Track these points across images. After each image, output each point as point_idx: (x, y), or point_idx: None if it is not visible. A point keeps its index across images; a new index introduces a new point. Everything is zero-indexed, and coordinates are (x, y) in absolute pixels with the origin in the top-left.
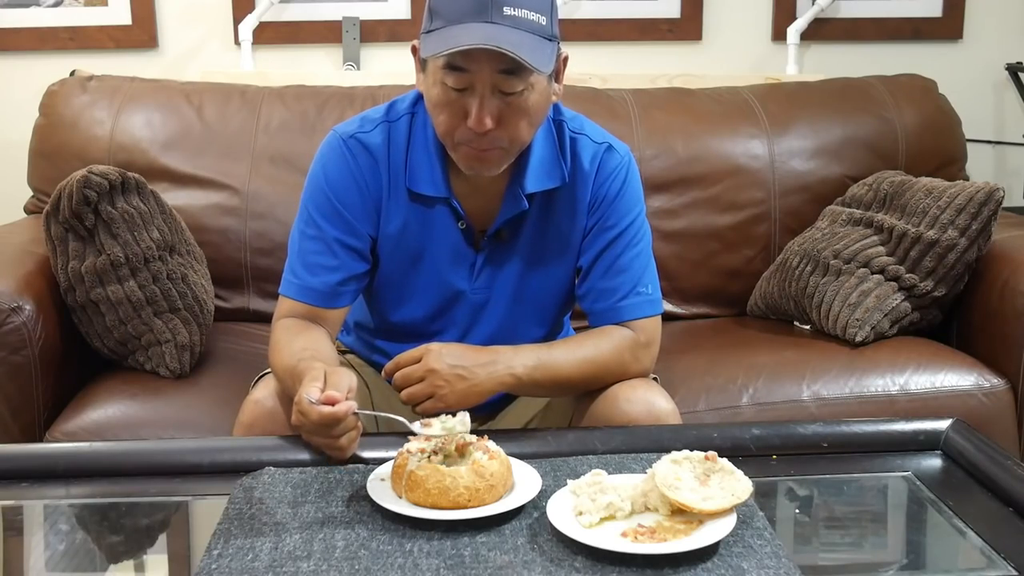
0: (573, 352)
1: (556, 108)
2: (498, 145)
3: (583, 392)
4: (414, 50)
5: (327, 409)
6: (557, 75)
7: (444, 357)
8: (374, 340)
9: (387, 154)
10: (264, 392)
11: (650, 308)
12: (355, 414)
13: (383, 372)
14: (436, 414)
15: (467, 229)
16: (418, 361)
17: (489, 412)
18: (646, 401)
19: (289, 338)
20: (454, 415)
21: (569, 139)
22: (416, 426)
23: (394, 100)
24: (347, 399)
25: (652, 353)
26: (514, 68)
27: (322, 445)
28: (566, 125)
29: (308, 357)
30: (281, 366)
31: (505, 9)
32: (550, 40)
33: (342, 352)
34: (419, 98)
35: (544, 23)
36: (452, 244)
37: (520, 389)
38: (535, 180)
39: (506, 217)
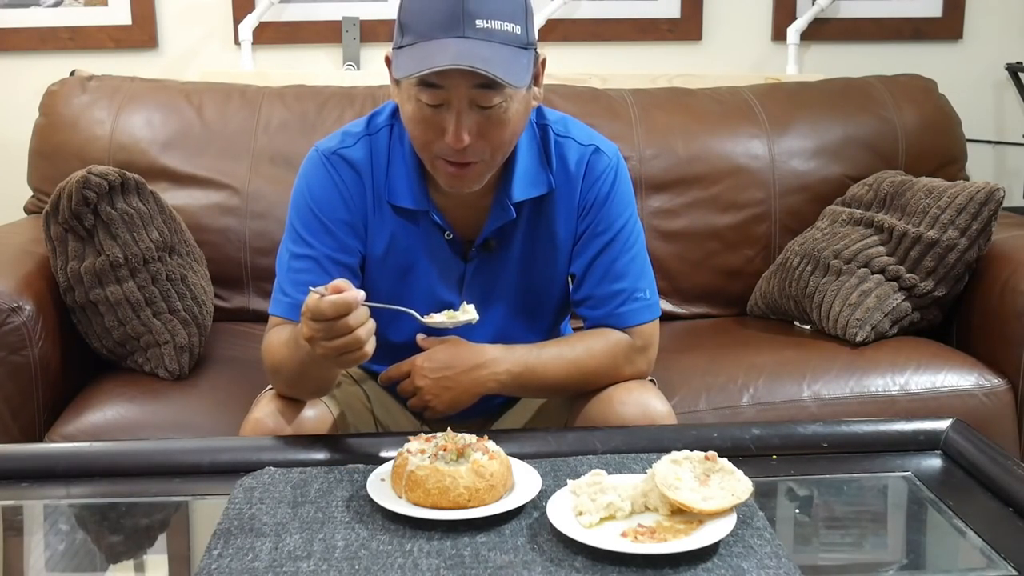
0: (563, 355)
1: (540, 111)
2: (478, 158)
3: (575, 394)
4: (387, 62)
5: (338, 296)
6: (536, 79)
7: (428, 372)
8: (369, 365)
9: (370, 169)
10: (265, 411)
11: (648, 313)
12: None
13: (379, 380)
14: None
15: (454, 240)
16: (407, 375)
17: (486, 418)
18: (641, 403)
19: (283, 332)
20: (458, 309)
21: (554, 143)
22: (424, 318)
23: (373, 112)
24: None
25: (649, 357)
26: (490, 83)
27: (340, 346)
28: (551, 128)
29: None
30: (279, 348)
31: (478, 22)
32: (526, 49)
33: None
34: (397, 109)
35: (519, 32)
36: (440, 256)
37: (507, 392)
38: (521, 189)
39: (493, 227)
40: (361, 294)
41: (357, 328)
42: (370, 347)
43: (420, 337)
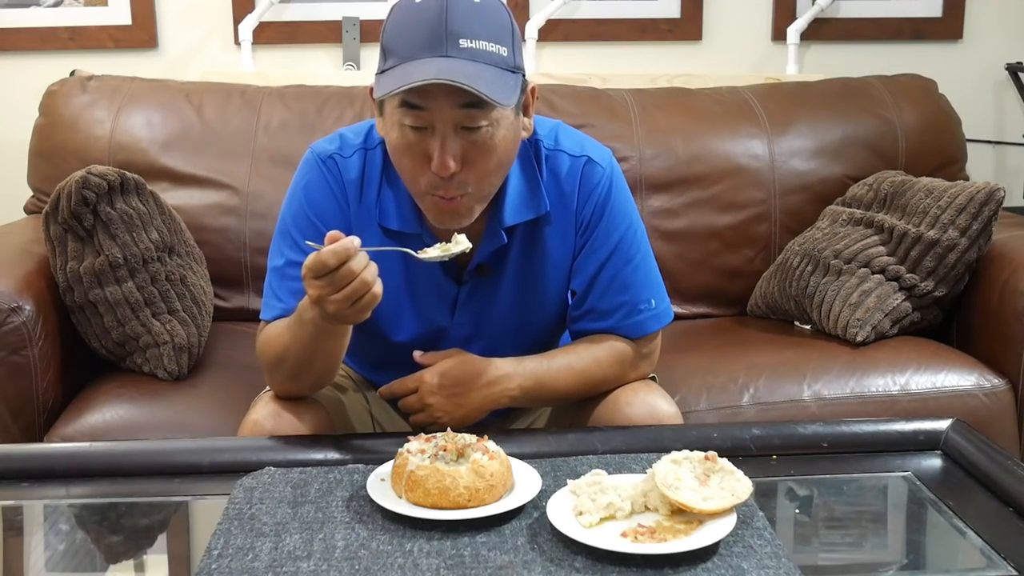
0: (572, 366)
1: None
2: (464, 191)
3: (580, 399)
4: (371, 92)
5: (337, 243)
6: (526, 109)
7: (438, 389)
8: (367, 375)
9: (359, 189)
10: (263, 412)
11: (655, 323)
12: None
13: (379, 393)
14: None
15: (448, 263)
16: (412, 391)
17: (493, 420)
18: (648, 404)
19: (280, 323)
20: (449, 240)
21: (545, 158)
22: (418, 252)
23: (372, 124)
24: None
25: (653, 360)
26: (475, 101)
27: (350, 294)
28: (542, 144)
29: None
30: (280, 336)
31: (462, 41)
32: (513, 72)
33: None
34: None
35: (505, 54)
36: (433, 280)
37: (516, 405)
38: (514, 213)
39: (486, 252)
40: (357, 240)
41: (361, 272)
42: (378, 288)
43: (418, 354)
